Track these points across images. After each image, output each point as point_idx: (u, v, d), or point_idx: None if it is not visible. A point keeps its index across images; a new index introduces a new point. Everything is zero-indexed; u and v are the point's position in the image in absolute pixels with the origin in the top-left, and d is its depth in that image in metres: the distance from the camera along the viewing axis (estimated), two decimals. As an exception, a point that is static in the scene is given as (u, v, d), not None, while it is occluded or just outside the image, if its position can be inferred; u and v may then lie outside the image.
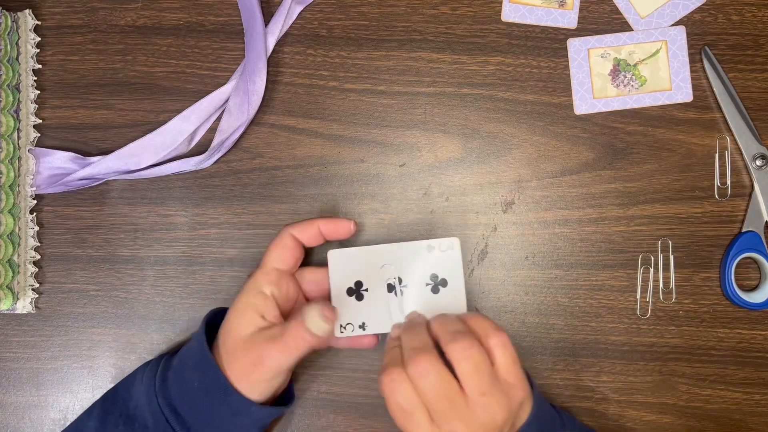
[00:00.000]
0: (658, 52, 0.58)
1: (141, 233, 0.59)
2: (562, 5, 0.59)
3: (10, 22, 0.57)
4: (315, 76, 0.59)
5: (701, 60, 0.58)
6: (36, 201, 0.58)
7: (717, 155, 0.58)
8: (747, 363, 0.58)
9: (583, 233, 0.58)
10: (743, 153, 0.58)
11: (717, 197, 0.58)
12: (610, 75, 0.58)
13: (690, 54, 0.58)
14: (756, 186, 0.57)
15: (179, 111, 0.58)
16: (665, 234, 0.58)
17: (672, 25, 0.58)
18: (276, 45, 0.59)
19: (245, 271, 0.59)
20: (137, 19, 0.60)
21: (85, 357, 0.59)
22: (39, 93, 0.59)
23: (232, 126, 0.58)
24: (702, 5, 0.58)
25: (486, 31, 0.59)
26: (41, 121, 0.59)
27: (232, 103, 0.58)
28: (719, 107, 0.58)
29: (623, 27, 0.59)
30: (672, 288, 0.58)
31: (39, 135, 0.59)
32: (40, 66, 0.59)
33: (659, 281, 0.58)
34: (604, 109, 0.59)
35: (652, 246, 0.58)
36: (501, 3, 0.59)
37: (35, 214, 0.59)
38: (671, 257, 0.58)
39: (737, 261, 0.57)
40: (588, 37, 0.59)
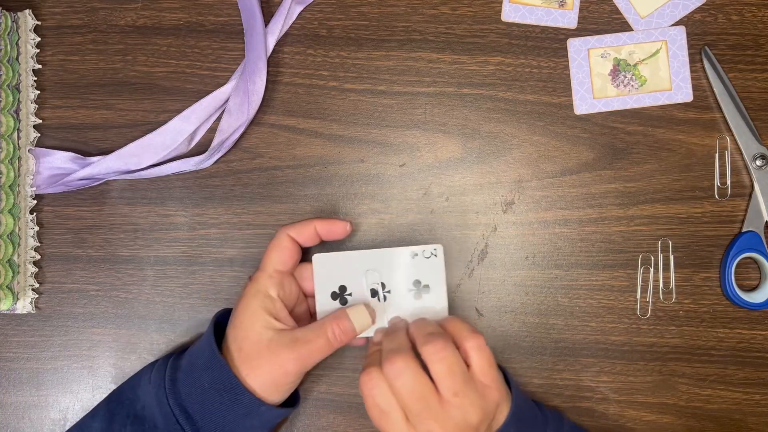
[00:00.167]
0: (658, 52, 0.58)
1: (141, 233, 0.59)
2: (562, 5, 0.59)
3: (10, 22, 0.57)
4: (315, 76, 0.59)
5: (701, 60, 0.58)
6: (36, 201, 0.58)
7: (717, 155, 0.58)
8: (747, 363, 0.58)
9: (583, 233, 0.58)
10: (743, 153, 0.58)
11: (717, 197, 0.58)
12: (610, 75, 0.58)
13: (690, 54, 0.58)
14: (756, 186, 0.57)
15: (179, 111, 0.58)
16: (665, 234, 0.58)
17: (672, 25, 0.58)
18: (276, 45, 0.59)
19: (245, 271, 0.59)
20: (137, 19, 0.60)
21: (85, 357, 0.59)
22: (39, 93, 0.59)
23: (232, 126, 0.58)
24: (702, 5, 0.58)
25: (486, 31, 0.59)
26: (41, 121, 0.59)
27: (232, 103, 0.58)
28: (719, 107, 0.58)
29: (623, 27, 0.59)
30: (672, 288, 0.58)
31: (39, 135, 0.59)
32: (40, 66, 0.59)
33: (659, 281, 0.58)
34: (604, 109, 0.59)
35: (652, 246, 0.58)
36: (501, 3, 0.59)
37: (35, 214, 0.59)
38: (671, 257, 0.58)
39: (737, 261, 0.57)
40: (588, 37, 0.59)
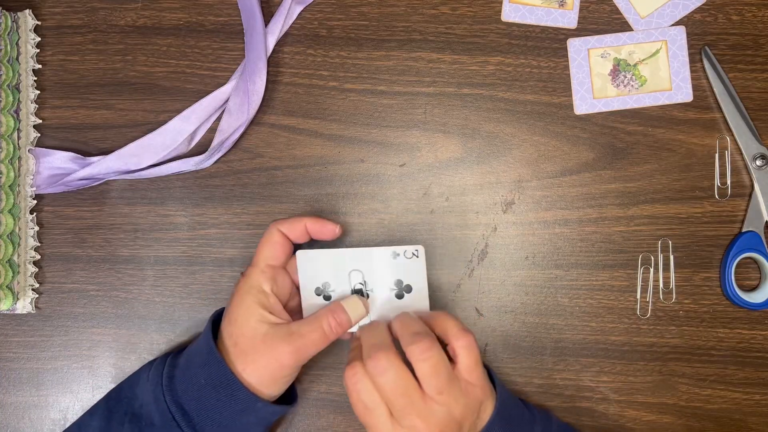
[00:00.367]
0: (658, 52, 0.58)
1: (141, 233, 0.59)
2: (562, 5, 0.59)
3: (10, 22, 0.57)
4: (315, 76, 0.59)
5: (701, 60, 0.58)
6: (36, 201, 0.58)
7: (717, 155, 0.58)
8: (747, 363, 0.58)
9: (583, 233, 0.58)
10: (743, 153, 0.58)
11: (717, 197, 0.58)
12: (610, 75, 0.58)
13: (690, 54, 0.58)
14: (756, 186, 0.57)
15: (179, 111, 0.58)
16: (665, 234, 0.58)
17: (672, 25, 0.58)
18: (276, 45, 0.59)
19: (245, 271, 0.59)
20: (137, 19, 0.60)
21: (85, 357, 0.59)
22: (39, 93, 0.59)
23: (232, 126, 0.58)
24: (702, 5, 0.58)
25: (486, 31, 0.59)
26: (41, 121, 0.59)
27: (232, 103, 0.58)
28: (719, 107, 0.58)
29: (623, 27, 0.59)
30: (672, 288, 0.58)
31: (39, 135, 0.59)
32: (40, 66, 0.59)
33: (659, 281, 0.58)
34: (604, 109, 0.59)
35: (652, 246, 0.58)
36: (501, 3, 0.59)
37: (35, 214, 0.59)
38: (671, 257, 0.58)
39: (737, 261, 0.57)
40: (588, 37, 0.59)
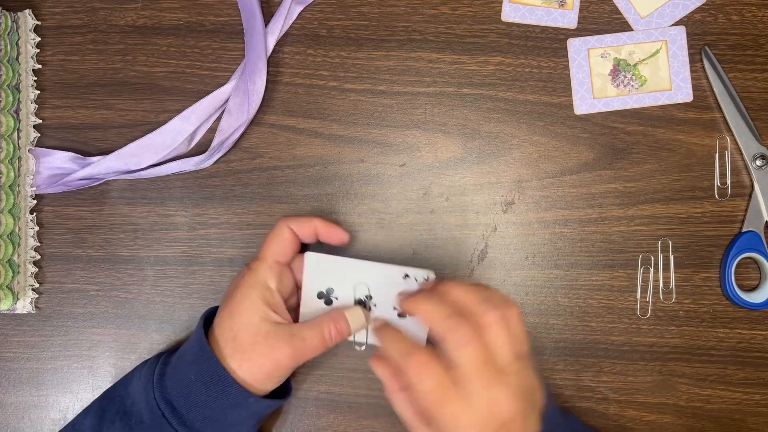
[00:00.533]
0: (658, 52, 0.58)
1: (141, 233, 0.59)
2: (562, 5, 0.59)
3: (10, 22, 0.57)
4: (315, 76, 0.59)
5: (701, 60, 0.58)
6: (36, 201, 0.58)
7: (717, 155, 0.58)
8: (747, 363, 0.58)
9: (583, 233, 0.58)
10: (743, 153, 0.58)
11: (717, 197, 0.58)
12: (610, 75, 0.58)
13: (690, 54, 0.58)
14: (756, 186, 0.57)
15: (179, 111, 0.58)
16: (665, 234, 0.58)
17: (672, 25, 0.58)
18: (276, 45, 0.59)
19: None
20: (137, 19, 0.60)
21: (85, 357, 0.59)
22: (39, 93, 0.59)
23: (232, 126, 0.58)
24: (702, 5, 0.58)
25: (486, 31, 0.59)
26: (41, 121, 0.59)
27: (232, 103, 0.58)
28: (719, 107, 0.58)
29: (623, 27, 0.59)
30: (672, 288, 0.58)
31: (39, 135, 0.59)
32: (40, 66, 0.59)
33: (659, 281, 0.58)
34: (604, 109, 0.59)
35: (652, 246, 0.58)
36: (501, 3, 0.59)
37: (35, 214, 0.59)
38: (671, 257, 0.58)
39: (737, 261, 0.57)
40: (588, 37, 0.59)
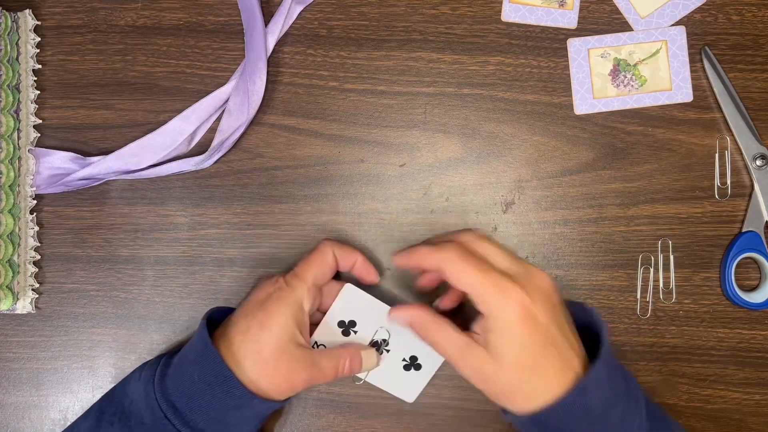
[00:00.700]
0: (658, 52, 0.58)
1: (141, 233, 0.59)
2: (562, 5, 0.59)
3: (10, 22, 0.57)
4: (315, 76, 0.59)
5: (701, 60, 0.58)
6: (36, 201, 0.58)
7: (717, 155, 0.58)
8: (747, 363, 0.58)
9: (583, 233, 0.58)
10: (743, 153, 0.58)
11: (717, 197, 0.58)
12: (610, 75, 0.58)
13: (690, 54, 0.58)
14: (756, 186, 0.57)
15: (179, 111, 0.58)
16: (665, 234, 0.58)
17: (672, 25, 0.58)
18: (276, 45, 0.59)
19: (245, 271, 0.59)
20: (137, 19, 0.60)
21: (85, 357, 0.59)
22: (39, 93, 0.59)
23: (232, 126, 0.58)
24: (702, 5, 0.58)
25: (486, 31, 0.59)
26: (41, 121, 0.59)
27: (232, 103, 0.58)
28: (719, 107, 0.58)
29: (623, 27, 0.59)
30: (672, 288, 0.58)
31: (39, 135, 0.59)
32: (40, 66, 0.59)
33: (659, 281, 0.58)
34: (604, 109, 0.59)
35: (652, 246, 0.58)
36: (501, 3, 0.59)
37: (35, 214, 0.59)
38: (671, 257, 0.58)
39: (737, 261, 0.57)
40: (588, 37, 0.59)
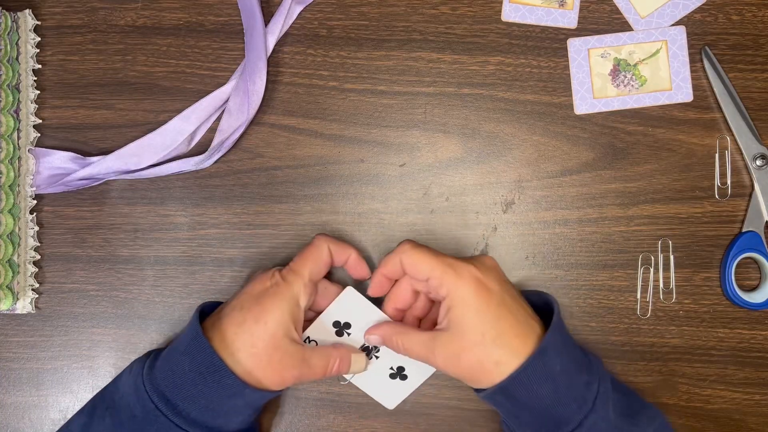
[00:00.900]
0: (658, 52, 0.58)
1: (141, 233, 0.59)
2: (562, 5, 0.59)
3: (10, 22, 0.57)
4: (315, 76, 0.59)
5: (701, 60, 0.58)
6: (36, 201, 0.58)
7: (717, 155, 0.58)
8: (747, 363, 0.58)
9: (583, 233, 0.58)
10: (743, 153, 0.58)
11: (717, 197, 0.58)
12: (610, 75, 0.58)
13: (690, 54, 0.58)
14: (756, 186, 0.57)
15: (179, 111, 0.58)
16: (665, 234, 0.58)
17: (672, 25, 0.58)
18: (276, 45, 0.59)
19: (245, 271, 0.59)
20: (137, 19, 0.60)
21: (85, 357, 0.59)
22: (39, 93, 0.59)
23: (232, 126, 0.58)
24: (702, 5, 0.58)
25: (486, 31, 0.59)
26: (41, 121, 0.59)
27: (232, 103, 0.58)
28: (719, 107, 0.58)
29: (623, 27, 0.59)
30: (672, 288, 0.58)
31: (39, 135, 0.59)
32: (40, 66, 0.59)
33: (659, 281, 0.58)
34: (604, 109, 0.59)
35: (652, 246, 0.58)
36: (501, 3, 0.59)
37: (35, 214, 0.59)
38: (671, 257, 0.58)
39: (737, 261, 0.57)
40: (588, 37, 0.59)
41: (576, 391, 0.49)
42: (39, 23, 0.59)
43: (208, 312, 0.54)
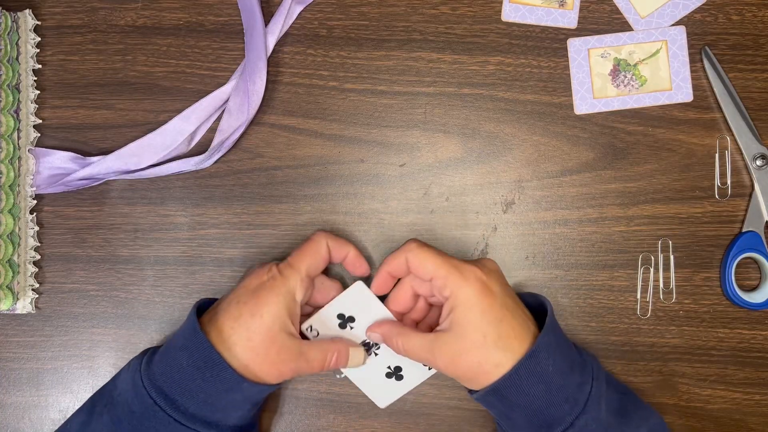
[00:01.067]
0: (658, 52, 0.58)
1: (141, 233, 0.59)
2: (562, 5, 0.59)
3: (10, 22, 0.57)
4: (315, 76, 0.59)
5: (701, 60, 0.58)
6: (36, 201, 0.58)
7: (717, 155, 0.58)
8: (747, 363, 0.58)
9: (583, 233, 0.58)
10: (743, 153, 0.58)
11: (717, 197, 0.58)
12: (610, 75, 0.58)
13: (690, 54, 0.58)
14: (756, 186, 0.57)
15: (179, 111, 0.58)
16: (665, 234, 0.58)
17: (672, 25, 0.58)
18: (276, 45, 0.59)
19: (245, 271, 0.59)
20: (137, 19, 0.60)
21: (85, 357, 0.59)
22: (39, 93, 0.59)
23: (232, 126, 0.58)
24: (702, 5, 0.58)
25: (486, 31, 0.59)
26: (41, 121, 0.59)
27: (232, 103, 0.58)
28: (719, 107, 0.58)
29: (623, 27, 0.59)
30: (672, 288, 0.58)
31: (39, 135, 0.59)
32: (40, 66, 0.59)
33: (659, 281, 0.58)
34: (604, 109, 0.59)
35: (652, 246, 0.58)
36: (501, 3, 0.59)
37: (35, 214, 0.59)
38: (671, 257, 0.58)
39: (737, 261, 0.57)
40: (588, 37, 0.59)
41: (568, 392, 0.49)
42: (39, 23, 0.59)
43: (205, 308, 0.54)
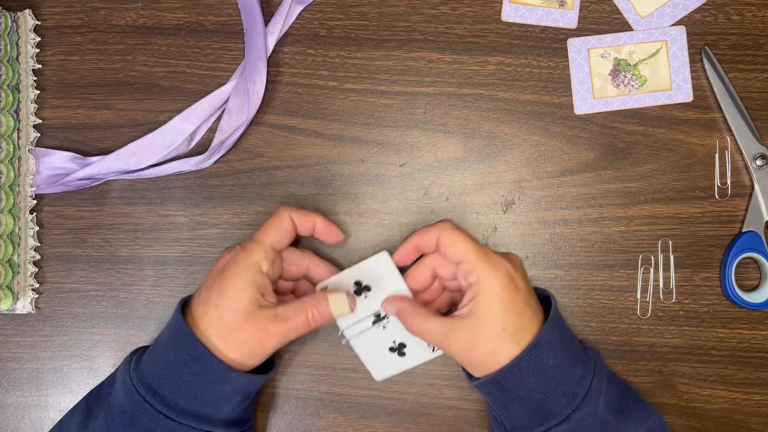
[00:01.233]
0: (658, 52, 0.58)
1: (141, 233, 0.59)
2: (562, 5, 0.59)
3: (10, 22, 0.57)
4: (315, 76, 0.59)
5: (701, 60, 0.58)
6: (36, 201, 0.58)
7: (717, 155, 0.58)
8: (747, 363, 0.58)
9: (583, 233, 0.58)
10: (743, 153, 0.58)
11: (717, 197, 0.58)
12: (610, 75, 0.58)
13: (690, 54, 0.58)
14: (756, 186, 0.57)
15: (179, 111, 0.58)
16: (665, 234, 0.58)
17: (672, 25, 0.58)
18: (276, 45, 0.59)
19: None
20: (137, 19, 0.60)
21: (85, 357, 0.59)
22: (39, 93, 0.59)
23: (232, 126, 0.58)
24: (702, 5, 0.58)
25: (486, 31, 0.59)
26: (41, 121, 0.59)
27: (232, 103, 0.58)
28: (719, 107, 0.58)
29: (623, 27, 0.59)
30: (672, 288, 0.58)
31: (39, 135, 0.59)
32: (40, 66, 0.59)
33: (659, 281, 0.58)
34: (604, 109, 0.59)
35: (652, 246, 0.58)
36: (501, 3, 0.59)
37: (35, 214, 0.59)
38: (671, 257, 0.58)
39: (737, 261, 0.57)
40: (588, 37, 0.59)
41: (567, 386, 0.49)
42: (39, 23, 0.59)
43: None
